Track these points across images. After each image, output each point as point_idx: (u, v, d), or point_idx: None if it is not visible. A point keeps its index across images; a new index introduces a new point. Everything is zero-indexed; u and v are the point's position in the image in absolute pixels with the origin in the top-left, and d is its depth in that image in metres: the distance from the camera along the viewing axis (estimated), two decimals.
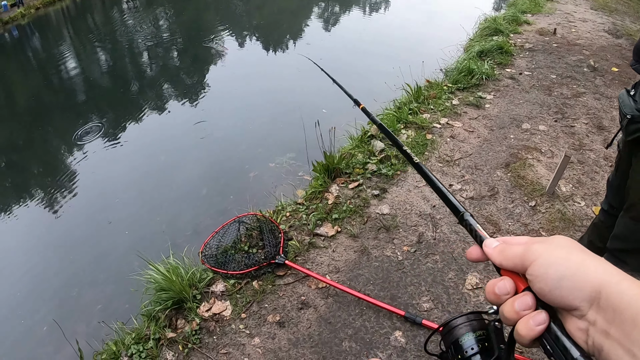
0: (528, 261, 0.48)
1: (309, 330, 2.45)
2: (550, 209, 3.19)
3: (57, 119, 8.30)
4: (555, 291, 0.45)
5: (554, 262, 0.46)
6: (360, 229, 3.09)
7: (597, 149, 3.90)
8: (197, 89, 8.27)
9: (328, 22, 12.48)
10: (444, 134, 4.14)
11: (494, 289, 0.51)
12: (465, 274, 2.69)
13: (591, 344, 0.44)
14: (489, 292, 0.52)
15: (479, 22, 7.50)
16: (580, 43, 6.52)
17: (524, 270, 0.49)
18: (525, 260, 0.48)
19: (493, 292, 0.51)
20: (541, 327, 0.46)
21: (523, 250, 0.49)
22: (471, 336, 0.59)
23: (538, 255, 0.47)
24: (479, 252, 0.57)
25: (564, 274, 0.45)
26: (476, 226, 0.59)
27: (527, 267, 0.48)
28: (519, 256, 0.49)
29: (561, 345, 0.45)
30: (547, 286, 0.46)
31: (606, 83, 5.18)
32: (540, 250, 0.48)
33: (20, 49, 13.85)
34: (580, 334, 0.45)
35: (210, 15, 14.67)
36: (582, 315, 0.44)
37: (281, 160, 4.83)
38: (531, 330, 0.46)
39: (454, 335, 0.60)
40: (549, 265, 0.46)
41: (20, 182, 6.34)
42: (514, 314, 0.48)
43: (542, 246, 0.48)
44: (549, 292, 0.46)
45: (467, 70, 5.16)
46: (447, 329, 0.62)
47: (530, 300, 0.48)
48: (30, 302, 3.95)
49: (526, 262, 0.48)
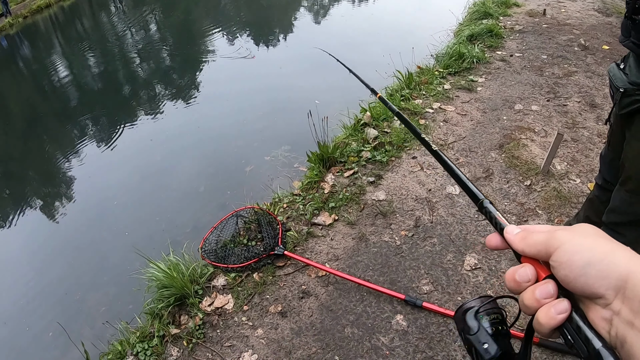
0: (552, 247, 0.47)
1: (311, 318, 2.47)
2: (546, 188, 3.20)
3: (51, 125, 8.29)
4: (581, 278, 0.44)
5: (580, 249, 0.45)
6: (357, 216, 3.10)
7: (590, 126, 3.91)
8: (189, 88, 8.26)
9: (318, 14, 12.43)
10: (437, 118, 4.15)
11: (514, 276, 0.50)
12: (464, 255, 2.71)
13: (614, 334, 0.43)
14: (509, 279, 0.50)
15: (468, 7, 7.47)
16: (570, 23, 6.51)
17: (547, 257, 0.48)
18: (550, 247, 0.47)
19: (513, 279, 0.50)
20: (563, 316, 0.45)
21: (547, 237, 0.48)
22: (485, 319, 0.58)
23: (563, 242, 0.46)
24: (498, 239, 0.55)
25: (590, 261, 0.44)
26: (496, 213, 0.58)
27: (552, 253, 0.47)
28: (543, 243, 0.48)
29: (583, 335, 0.44)
30: (572, 273, 0.45)
31: (597, 61, 5.18)
32: (566, 237, 0.47)
33: (11, 59, 13.79)
34: (604, 324, 0.44)
35: (200, 12, 14.62)
36: (606, 304, 0.43)
37: (276, 153, 4.83)
38: (552, 318, 0.45)
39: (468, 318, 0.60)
40: (574, 252, 0.45)
41: (17, 190, 6.34)
42: (535, 302, 0.47)
43: (567, 233, 0.47)
44: (573, 279, 0.45)
45: (458, 55, 5.15)
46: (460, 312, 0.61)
47: (552, 288, 0.47)
48: (34, 309, 3.97)
49: (550, 249, 0.47)
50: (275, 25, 11.42)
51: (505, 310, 0.56)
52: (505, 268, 2.61)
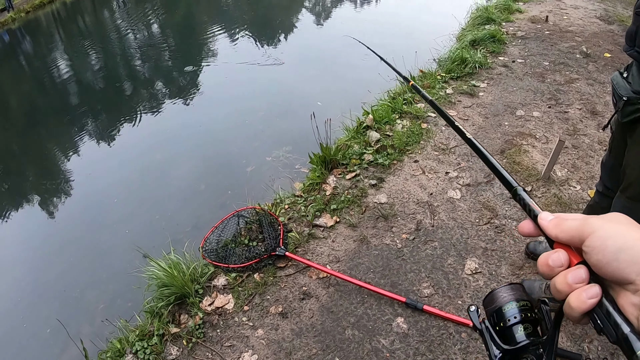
0: (586, 233, 0.48)
1: (311, 320, 2.47)
2: (547, 194, 3.22)
3: (51, 121, 8.29)
4: (613, 263, 0.45)
5: (613, 235, 0.46)
6: (358, 219, 3.11)
7: (591, 133, 3.93)
8: (191, 87, 8.26)
9: (319, 15, 12.45)
10: (439, 122, 4.16)
11: (547, 261, 0.51)
12: (465, 259, 2.72)
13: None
14: (542, 264, 0.51)
15: (471, 12, 7.50)
16: (572, 30, 6.54)
17: (580, 242, 0.49)
18: (583, 233, 0.48)
19: (546, 264, 0.51)
20: (593, 301, 0.46)
21: (580, 223, 0.49)
22: (514, 305, 0.60)
23: (596, 228, 0.47)
24: (531, 226, 0.57)
25: (622, 247, 0.45)
26: (529, 201, 0.59)
27: (585, 239, 0.48)
28: (576, 228, 0.49)
29: (612, 320, 0.45)
30: (604, 258, 0.46)
31: (599, 69, 5.20)
32: (599, 223, 0.48)
33: (12, 53, 13.78)
34: (633, 310, 0.45)
35: (200, 14, 14.63)
36: (636, 290, 0.44)
37: (278, 154, 4.83)
38: (583, 303, 0.46)
39: (497, 304, 0.62)
40: (607, 237, 0.46)
41: (16, 185, 6.33)
42: (567, 286, 0.48)
43: (601, 220, 0.48)
44: (605, 264, 0.46)
45: (460, 60, 5.17)
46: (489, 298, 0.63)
47: (584, 274, 0.48)
48: (32, 306, 3.96)
49: (584, 235, 0.48)
50: (280, 26, 11.41)
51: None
52: (505, 273, 2.62)
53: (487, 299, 0.64)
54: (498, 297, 0.62)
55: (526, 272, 2.62)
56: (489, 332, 0.62)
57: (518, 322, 0.59)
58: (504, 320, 0.60)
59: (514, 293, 0.62)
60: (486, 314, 0.64)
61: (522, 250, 2.76)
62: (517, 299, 0.61)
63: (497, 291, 0.63)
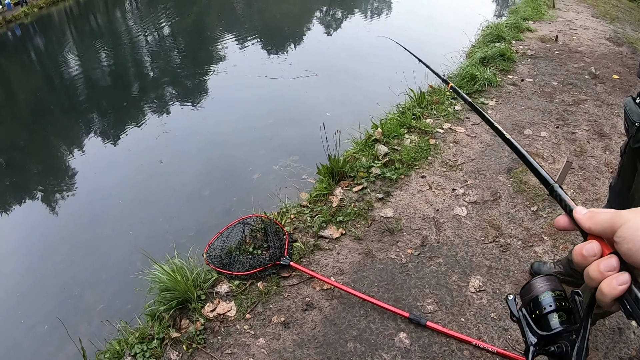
0: (617, 224, 0.52)
1: (313, 331, 2.47)
2: (552, 214, 3.22)
3: (59, 117, 8.31)
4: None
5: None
6: (364, 232, 3.11)
7: (598, 155, 3.94)
8: (199, 92, 8.30)
9: (329, 26, 12.52)
10: (447, 139, 4.17)
11: (581, 251, 0.54)
12: (469, 277, 2.72)
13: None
14: (577, 253, 0.55)
15: (481, 29, 7.54)
16: (581, 50, 6.57)
17: (612, 233, 0.52)
18: (615, 224, 0.52)
19: (581, 253, 0.54)
20: (623, 287, 0.49)
21: (612, 215, 0.53)
22: (549, 295, 0.65)
23: (628, 219, 0.51)
24: (567, 220, 0.60)
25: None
26: (565, 197, 0.63)
27: (616, 230, 0.51)
28: (608, 220, 0.53)
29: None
30: (635, 246, 0.49)
31: (607, 90, 5.22)
32: (630, 215, 0.52)
33: (23, 48, 13.86)
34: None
35: (212, 18, 14.72)
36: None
37: (285, 163, 4.85)
38: (614, 289, 0.50)
39: (533, 293, 0.67)
40: (637, 228, 0.50)
41: (22, 181, 6.34)
42: (599, 274, 0.52)
43: (632, 213, 0.52)
44: (635, 252, 0.49)
45: (470, 77, 5.19)
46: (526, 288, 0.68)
47: (615, 262, 0.51)
48: (31, 301, 3.95)
49: (615, 226, 0.52)
50: (291, 34, 11.48)
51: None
52: (509, 292, 2.62)
53: (524, 289, 0.69)
54: (535, 287, 0.67)
55: None
56: (526, 320, 0.66)
57: (553, 310, 0.63)
58: (540, 309, 0.65)
59: (549, 283, 0.66)
60: (523, 302, 0.68)
61: (526, 270, 2.75)
62: (553, 289, 0.65)
63: (533, 281, 0.68)
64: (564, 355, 0.61)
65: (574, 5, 9.91)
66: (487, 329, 2.42)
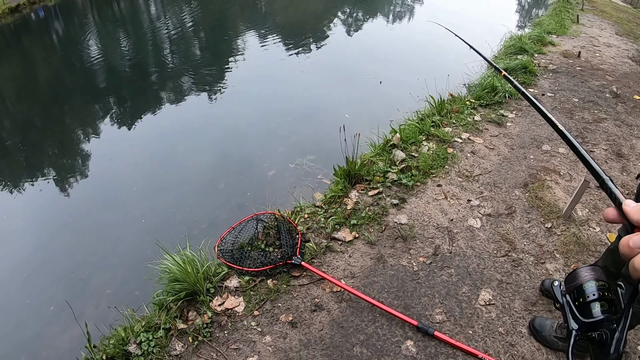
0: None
1: (320, 332, 2.47)
2: (566, 232, 3.19)
3: (77, 102, 8.36)
4: None
5: None
6: (377, 237, 3.10)
7: (615, 175, 3.90)
8: (218, 84, 8.29)
9: (351, 27, 12.49)
10: (465, 149, 4.15)
11: (629, 242, 0.56)
12: (479, 289, 2.71)
13: None
14: (624, 245, 0.57)
15: (504, 40, 7.49)
16: (603, 68, 6.51)
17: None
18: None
19: (628, 245, 0.56)
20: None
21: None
22: (593, 284, 0.67)
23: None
24: (615, 212, 0.64)
25: None
26: (615, 190, 0.66)
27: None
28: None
29: None
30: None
31: (627, 110, 5.16)
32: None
33: (45, 30, 13.97)
34: None
35: (235, 12, 14.75)
36: None
37: (301, 162, 4.83)
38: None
39: (578, 281, 0.69)
40: None
41: (36, 161, 6.38)
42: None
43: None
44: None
45: (491, 87, 5.16)
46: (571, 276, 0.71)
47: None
48: (38, 282, 3.95)
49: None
50: (308, 33, 11.47)
51: None
52: (518, 307, 2.60)
53: (569, 277, 0.72)
54: (579, 276, 0.70)
55: (539, 309, 2.60)
56: (569, 306, 0.70)
57: (596, 299, 0.66)
58: (584, 297, 0.68)
59: (594, 274, 0.69)
60: (567, 290, 0.71)
61: (536, 287, 2.74)
62: (597, 279, 0.68)
63: (579, 270, 0.71)
64: (604, 343, 0.63)
65: (597, 22, 9.82)
66: (494, 343, 2.40)
